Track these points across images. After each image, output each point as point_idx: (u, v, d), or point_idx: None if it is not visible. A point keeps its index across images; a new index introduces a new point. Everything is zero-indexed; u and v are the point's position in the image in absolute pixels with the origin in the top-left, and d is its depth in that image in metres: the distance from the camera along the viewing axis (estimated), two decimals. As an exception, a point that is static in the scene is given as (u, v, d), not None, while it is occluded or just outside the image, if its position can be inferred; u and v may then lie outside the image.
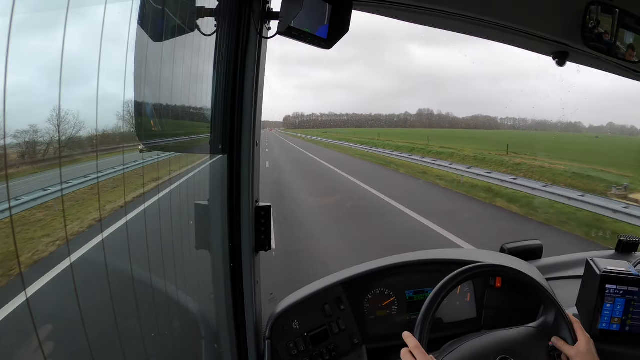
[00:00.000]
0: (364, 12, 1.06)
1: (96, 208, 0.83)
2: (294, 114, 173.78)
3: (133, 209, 0.91)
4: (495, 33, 1.08)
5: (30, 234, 1.64)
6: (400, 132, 63.11)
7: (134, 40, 0.76)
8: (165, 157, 1.06)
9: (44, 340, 0.62)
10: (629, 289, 1.07)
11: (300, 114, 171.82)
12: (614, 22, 0.98)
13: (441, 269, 1.31)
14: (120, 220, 0.85)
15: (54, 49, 0.66)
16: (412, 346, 0.85)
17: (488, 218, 7.09)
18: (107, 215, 0.88)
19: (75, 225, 0.88)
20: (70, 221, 0.72)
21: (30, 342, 0.63)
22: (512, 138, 28.62)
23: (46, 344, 0.63)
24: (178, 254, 1.07)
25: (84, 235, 0.86)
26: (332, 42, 0.94)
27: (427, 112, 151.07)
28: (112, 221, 0.87)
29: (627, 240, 1.61)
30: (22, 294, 0.58)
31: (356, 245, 5.26)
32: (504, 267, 1.00)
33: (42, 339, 0.62)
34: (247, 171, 1.03)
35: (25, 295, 0.59)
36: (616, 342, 1.08)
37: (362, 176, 12.06)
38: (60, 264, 0.77)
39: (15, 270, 0.62)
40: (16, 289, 0.59)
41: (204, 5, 0.92)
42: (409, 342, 0.86)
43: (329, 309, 1.25)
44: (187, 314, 1.15)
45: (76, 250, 0.69)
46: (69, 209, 1.00)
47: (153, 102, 0.86)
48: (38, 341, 0.62)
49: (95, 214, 0.85)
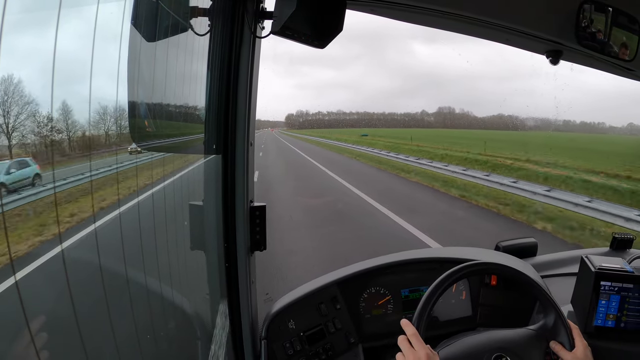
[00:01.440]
0: (359, 11, 1.06)
1: (87, 209, 0.82)
2: (297, 112, 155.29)
3: (126, 210, 0.90)
4: (489, 32, 1.08)
5: (24, 234, 1.63)
6: (433, 133, 49.77)
7: (127, 40, 0.76)
8: (158, 157, 1.05)
9: (34, 341, 0.62)
10: (623, 285, 1.07)
11: (305, 112, 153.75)
12: (607, 21, 0.99)
13: (436, 268, 1.31)
14: (113, 222, 0.84)
15: (45, 48, 0.65)
16: (409, 334, 0.85)
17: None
18: (99, 216, 0.87)
19: (66, 227, 0.87)
20: (60, 222, 0.71)
21: (20, 343, 0.62)
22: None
23: (38, 345, 0.62)
24: (173, 254, 1.07)
25: (75, 236, 0.85)
26: (325, 42, 0.94)
27: (447, 111, 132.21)
28: (104, 222, 0.86)
29: (621, 237, 1.62)
30: (14, 294, 0.57)
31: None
32: (501, 265, 1.01)
33: (33, 339, 0.62)
34: (242, 171, 1.03)
35: (19, 297, 0.58)
36: (611, 338, 1.09)
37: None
38: (52, 265, 0.76)
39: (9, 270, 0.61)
40: (9, 292, 0.59)
41: (198, 5, 0.92)
42: (407, 330, 0.86)
43: (325, 308, 1.25)
44: (183, 315, 1.14)
45: (67, 252, 0.68)
46: (60, 210, 0.98)
47: (146, 102, 0.86)
48: (30, 341, 0.61)
49: (87, 214, 0.84)
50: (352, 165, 17.16)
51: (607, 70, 1.20)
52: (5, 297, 0.66)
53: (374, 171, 14.89)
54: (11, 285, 0.59)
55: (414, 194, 9.90)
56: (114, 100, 0.81)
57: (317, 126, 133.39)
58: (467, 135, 41.91)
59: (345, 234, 6.06)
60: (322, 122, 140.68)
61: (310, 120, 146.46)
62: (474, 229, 6.60)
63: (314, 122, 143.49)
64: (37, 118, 0.84)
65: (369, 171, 14.97)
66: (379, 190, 9.93)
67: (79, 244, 0.86)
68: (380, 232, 6.37)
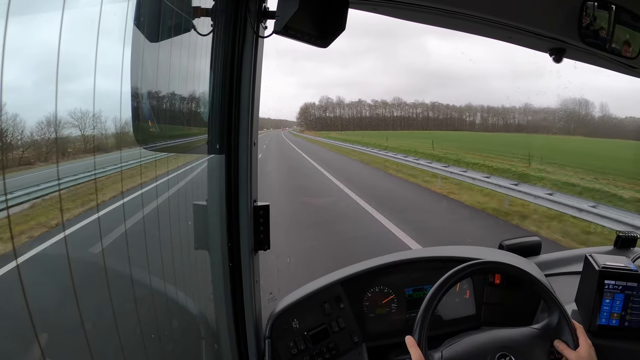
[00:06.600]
0: (361, 10, 1.06)
1: (92, 208, 0.83)
2: (322, 99, 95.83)
3: (130, 209, 0.90)
4: (492, 30, 1.08)
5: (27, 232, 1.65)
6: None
7: (130, 40, 0.76)
8: (162, 156, 1.06)
9: (39, 340, 0.62)
10: (627, 284, 1.07)
11: (332, 99, 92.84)
12: (610, 18, 0.99)
13: (440, 266, 1.31)
14: (117, 221, 0.85)
15: (49, 49, 0.65)
16: (415, 357, 0.87)
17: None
18: (104, 215, 0.87)
19: (70, 225, 0.87)
20: (64, 221, 0.72)
21: (25, 342, 0.63)
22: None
23: (43, 344, 0.63)
24: (177, 254, 1.07)
25: (80, 236, 0.86)
26: (328, 41, 0.95)
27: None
28: (109, 222, 0.87)
29: (625, 235, 1.62)
30: (19, 293, 0.58)
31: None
32: (504, 264, 1.01)
33: (38, 338, 0.62)
34: (245, 171, 1.03)
35: (24, 295, 0.59)
36: (615, 337, 1.09)
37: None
38: (57, 265, 0.77)
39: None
40: (14, 290, 0.59)
41: (200, 5, 0.92)
42: (412, 353, 0.87)
43: (329, 307, 1.25)
44: (187, 314, 1.15)
45: (72, 250, 0.68)
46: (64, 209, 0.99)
47: (150, 103, 0.86)
48: (36, 340, 0.62)
49: (91, 214, 0.84)
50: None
51: (610, 67, 1.19)
52: (8, 296, 0.66)
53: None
54: (12, 285, 0.60)
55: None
56: (117, 100, 0.81)
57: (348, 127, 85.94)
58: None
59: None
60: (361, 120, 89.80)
61: (333, 117, 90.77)
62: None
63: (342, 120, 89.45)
64: (39, 118, 0.84)
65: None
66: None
67: (84, 244, 0.87)
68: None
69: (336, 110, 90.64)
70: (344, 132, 69.66)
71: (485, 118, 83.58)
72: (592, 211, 6.31)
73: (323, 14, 0.92)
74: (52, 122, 0.76)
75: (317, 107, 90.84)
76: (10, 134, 0.84)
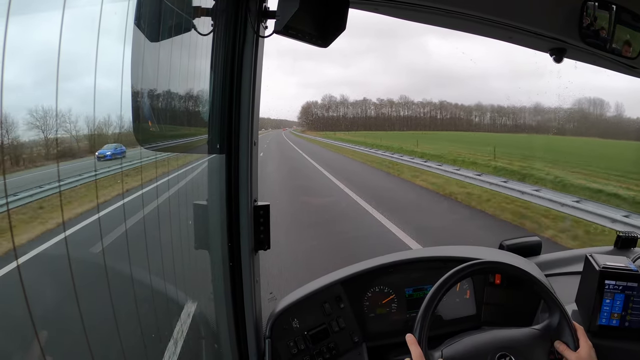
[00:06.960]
0: (362, 10, 1.06)
1: (92, 208, 0.83)
2: (325, 97, 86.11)
3: (131, 209, 0.91)
4: (493, 30, 1.08)
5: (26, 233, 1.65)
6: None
7: (130, 40, 0.76)
8: (163, 156, 1.06)
9: (40, 340, 0.62)
10: (628, 284, 1.07)
11: (333, 98, 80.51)
12: (611, 18, 0.99)
13: (440, 266, 1.31)
14: (118, 221, 0.85)
15: (50, 49, 0.66)
16: (415, 355, 0.87)
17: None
18: (105, 215, 0.87)
19: (71, 225, 0.87)
20: (65, 221, 0.72)
21: (26, 342, 0.63)
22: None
23: (43, 344, 0.63)
24: (177, 254, 1.07)
25: (81, 236, 0.86)
26: (328, 41, 0.95)
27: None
28: (109, 221, 0.87)
29: (625, 235, 1.62)
30: (18, 292, 0.58)
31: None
32: (504, 264, 1.00)
33: (38, 338, 0.62)
34: (246, 170, 1.03)
35: (25, 296, 0.59)
36: (616, 337, 1.09)
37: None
38: (57, 264, 0.77)
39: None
40: (15, 290, 0.59)
41: (200, 5, 0.92)
42: (412, 350, 0.87)
43: (329, 307, 1.25)
44: (187, 313, 1.15)
45: (72, 250, 0.68)
46: (64, 208, 0.98)
47: (150, 103, 0.86)
48: (36, 340, 0.62)
49: (92, 214, 0.84)
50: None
51: (610, 67, 1.19)
52: (8, 295, 0.66)
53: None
54: (12, 284, 0.60)
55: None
56: (117, 100, 0.81)
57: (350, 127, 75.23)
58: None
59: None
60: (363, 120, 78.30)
61: (334, 117, 79.65)
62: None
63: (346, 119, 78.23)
64: (37, 117, 0.84)
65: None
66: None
67: (84, 243, 0.87)
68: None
69: (340, 109, 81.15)
70: (349, 133, 58.32)
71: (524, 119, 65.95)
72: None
73: (323, 14, 0.92)
74: (52, 122, 0.76)
75: (320, 106, 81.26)
76: (10, 134, 0.84)
